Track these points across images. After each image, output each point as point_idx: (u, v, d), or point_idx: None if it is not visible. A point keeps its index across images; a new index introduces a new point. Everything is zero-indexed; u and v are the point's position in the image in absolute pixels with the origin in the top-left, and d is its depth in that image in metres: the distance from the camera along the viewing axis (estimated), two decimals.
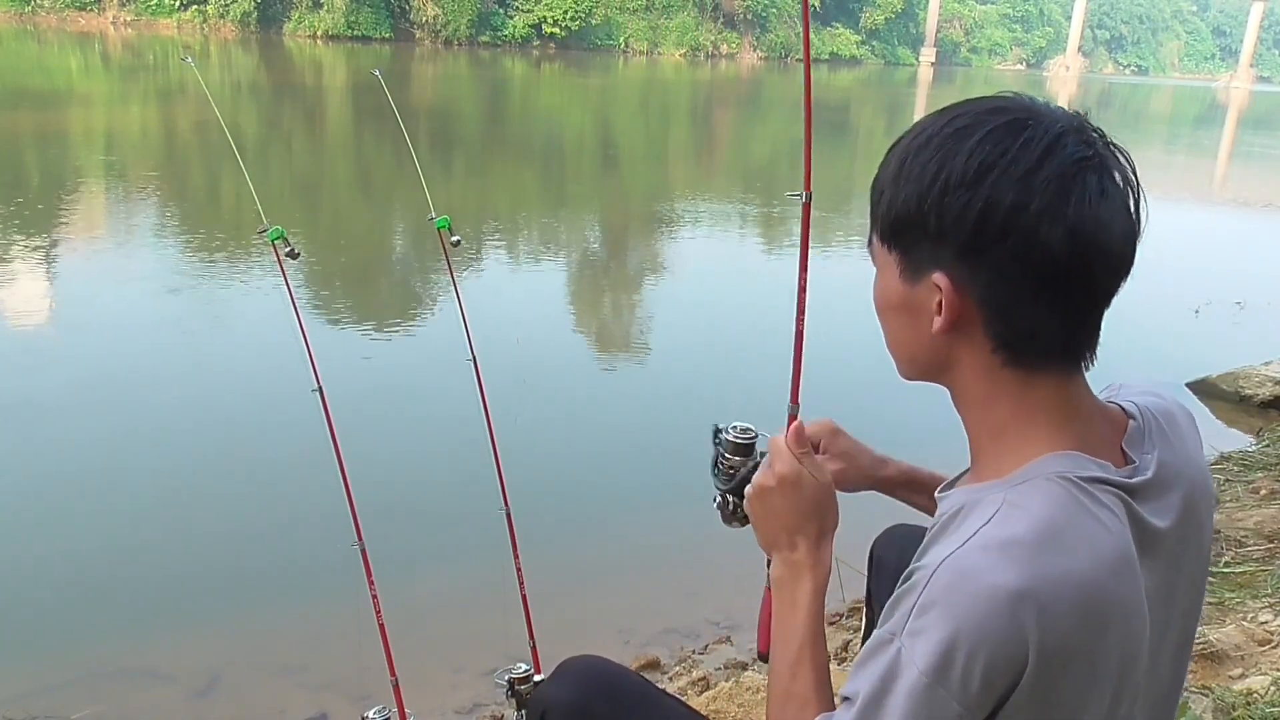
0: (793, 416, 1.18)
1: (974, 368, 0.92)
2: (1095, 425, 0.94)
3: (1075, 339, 0.91)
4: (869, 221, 0.98)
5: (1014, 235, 0.85)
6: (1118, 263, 0.89)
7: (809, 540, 1.07)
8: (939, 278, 0.89)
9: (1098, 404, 0.96)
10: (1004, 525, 0.85)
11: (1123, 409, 0.98)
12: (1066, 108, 0.92)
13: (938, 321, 0.91)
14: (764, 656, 1.13)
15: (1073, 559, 0.84)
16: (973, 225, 0.86)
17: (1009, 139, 0.86)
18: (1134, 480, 0.91)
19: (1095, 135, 0.89)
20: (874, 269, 0.99)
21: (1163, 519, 0.92)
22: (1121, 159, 0.89)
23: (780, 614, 1.06)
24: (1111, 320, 0.94)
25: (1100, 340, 0.94)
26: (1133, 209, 0.89)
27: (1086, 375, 0.96)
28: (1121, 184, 0.88)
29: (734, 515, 1.27)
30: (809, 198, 1.19)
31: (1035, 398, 0.91)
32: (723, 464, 1.25)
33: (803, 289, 1.19)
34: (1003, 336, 0.90)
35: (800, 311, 1.20)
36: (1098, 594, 0.85)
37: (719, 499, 1.27)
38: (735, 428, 1.25)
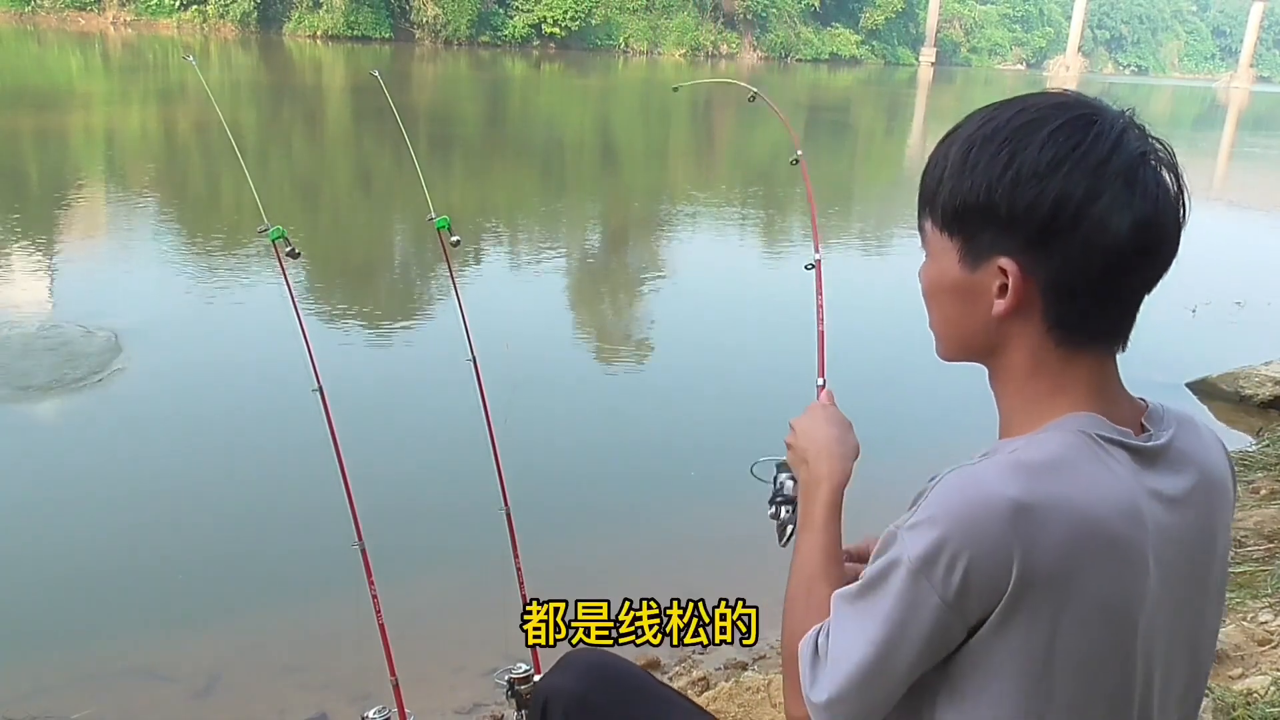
0: (821, 388, 1.46)
1: (1024, 348, 0.96)
2: (1120, 402, 0.99)
3: (1122, 321, 0.96)
4: (919, 207, 1.02)
5: (1086, 224, 0.89)
6: (1171, 249, 0.94)
7: (828, 456, 1.18)
8: (1006, 263, 0.93)
9: (1123, 388, 1.00)
10: (1018, 454, 0.91)
11: (1146, 401, 1.03)
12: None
13: (999, 305, 0.94)
14: None
15: (1076, 488, 0.88)
16: (1046, 214, 0.90)
17: (1080, 133, 0.90)
18: (1148, 445, 0.95)
19: (1142, 129, 0.94)
20: (923, 254, 1.03)
21: (1173, 489, 0.95)
22: (1169, 153, 0.94)
23: (800, 537, 1.15)
24: None
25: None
26: (1182, 204, 0.94)
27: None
28: (1173, 177, 0.93)
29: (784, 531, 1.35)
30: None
31: (1075, 373, 0.96)
32: (779, 482, 1.35)
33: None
34: (1060, 319, 0.94)
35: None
36: (1094, 525, 0.88)
37: (773, 511, 1.35)
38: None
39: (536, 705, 1.37)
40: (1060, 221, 0.89)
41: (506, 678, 1.99)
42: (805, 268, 1.74)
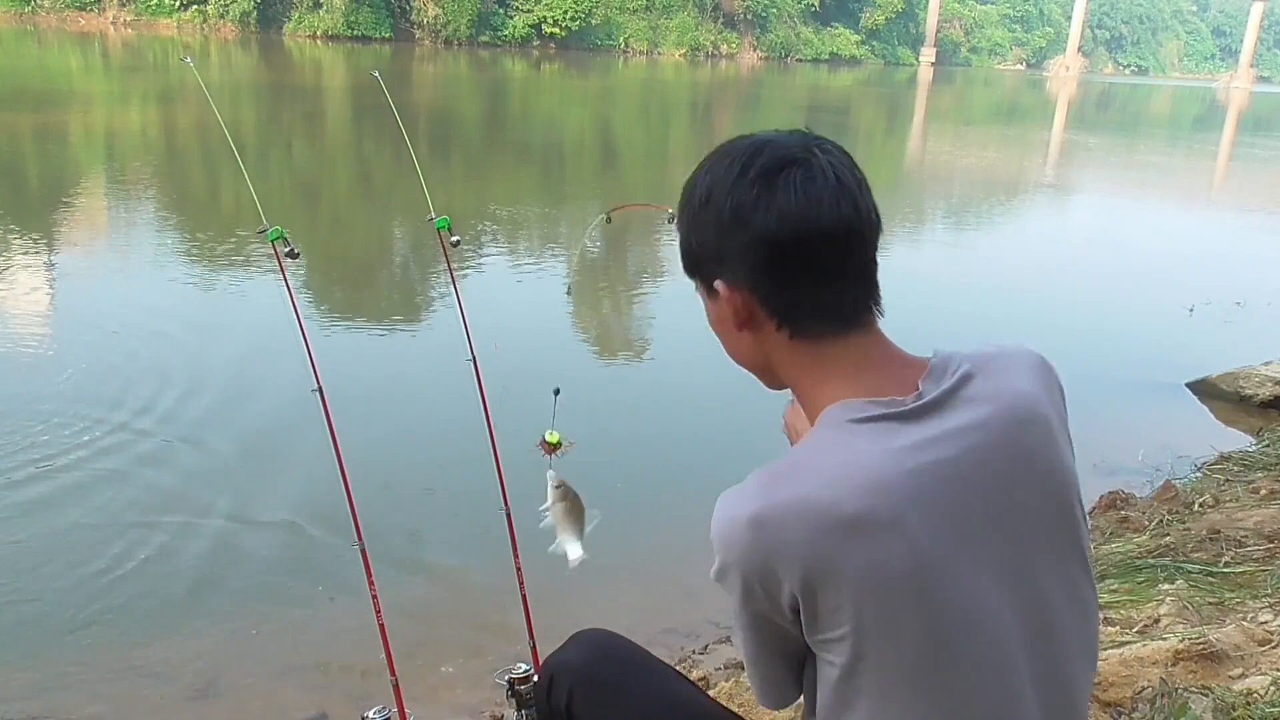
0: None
1: (778, 352, 1.08)
2: (890, 371, 1.05)
3: (837, 303, 1.04)
4: None
5: (743, 230, 1.03)
6: (840, 234, 1.03)
7: None
8: (718, 284, 1.07)
9: (897, 355, 1.07)
10: (774, 465, 1.00)
11: (935, 353, 1.08)
12: (805, 129, 1.09)
13: (733, 320, 1.07)
14: None
15: (805, 484, 0.96)
16: (714, 234, 1.05)
17: (721, 163, 1.06)
18: (908, 406, 1.00)
19: (806, 142, 1.05)
20: None
21: (946, 428, 0.99)
22: (830, 158, 1.04)
23: None
24: (1111, 320, 0.95)
25: (883, 304, 1.08)
26: (848, 191, 1.03)
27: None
28: (831, 173, 1.03)
29: None
30: None
31: (825, 360, 1.05)
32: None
33: None
34: (779, 314, 1.05)
35: None
36: (832, 510, 0.94)
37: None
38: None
39: (543, 680, 1.41)
40: (726, 234, 1.04)
41: (506, 678, 1.99)
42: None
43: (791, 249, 1.01)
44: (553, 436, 1.88)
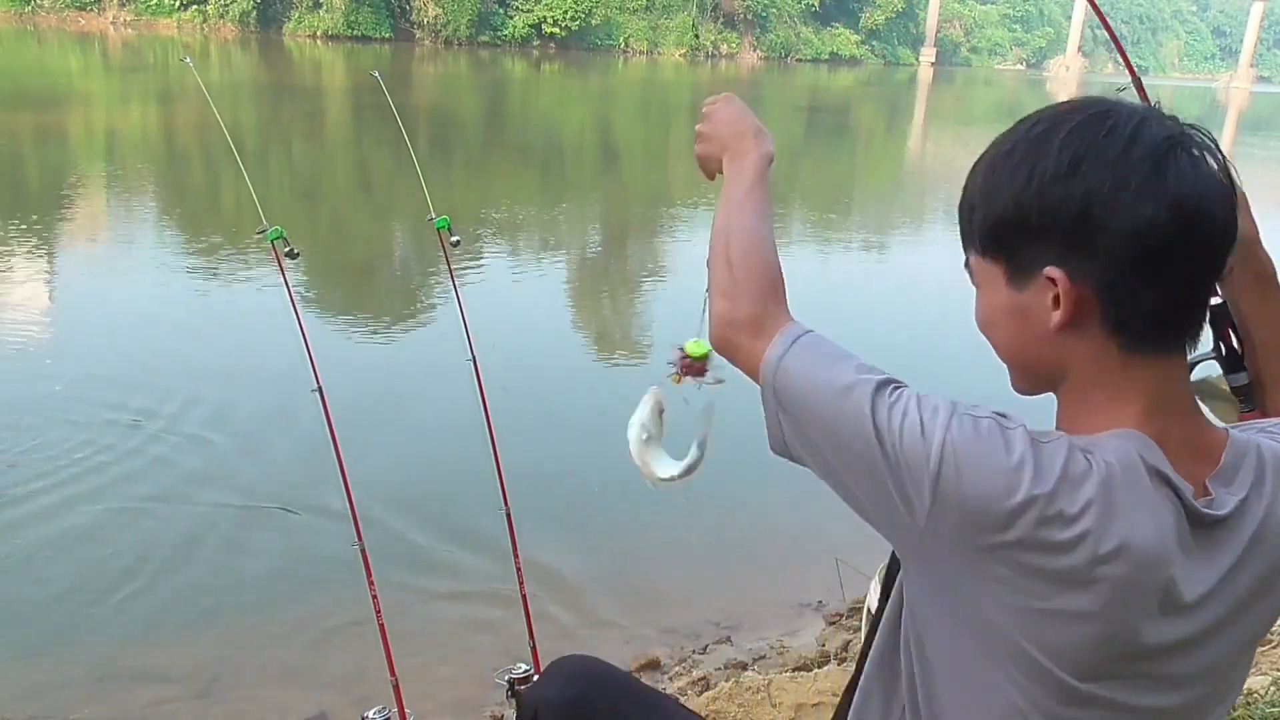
0: None
1: (1086, 359, 0.90)
2: (1179, 428, 0.91)
3: (1185, 315, 0.90)
4: (963, 247, 0.98)
5: (1120, 215, 0.85)
6: (1224, 230, 0.88)
7: (751, 131, 1.19)
8: (1053, 272, 0.88)
9: (1191, 404, 0.93)
10: (1064, 458, 0.84)
11: (1232, 438, 0.93)
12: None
13: (1056, 317, 0.89)
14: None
15: (1125, 520, 0.83)
16: (1076, 213, 0.86)
17: (1095, 129, 0.87)
18: (1198, 509, 0.87)
19: (1172, 119, 0.90)
20: (972, 289, 0.98)
21: (1211, 567, 0.88)
22: (1204, 136, 0.89)
23: (730, 180, 1.17)
24: None
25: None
26: (1227, 179, 0.89)
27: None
28: (1211, 158, 0.88)
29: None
30: None
31: (1138, 379, 0.90)
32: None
33: None
34: (1120, 320, 0.88)
35: None
36: (1094, 549, 0.82)
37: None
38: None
39: (526, 714, 1.37)
40: (1093, 217, 0.85)
41: (506, 678, 1.99)
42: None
43: (1175, 246, 0.85)
44: (698, 347, 1.27)
